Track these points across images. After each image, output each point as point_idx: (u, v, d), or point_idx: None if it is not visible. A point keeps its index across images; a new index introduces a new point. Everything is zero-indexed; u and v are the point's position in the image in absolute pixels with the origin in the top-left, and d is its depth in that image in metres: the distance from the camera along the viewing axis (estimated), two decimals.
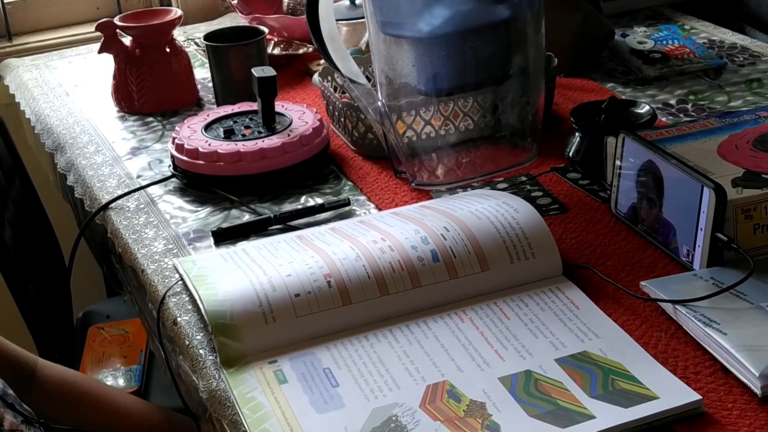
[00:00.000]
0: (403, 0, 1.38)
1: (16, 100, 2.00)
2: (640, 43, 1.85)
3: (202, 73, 1.91)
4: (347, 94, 1.52)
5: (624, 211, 1.30)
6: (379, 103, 1.41)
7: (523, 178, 1.44)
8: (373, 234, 1.23)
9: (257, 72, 1.52)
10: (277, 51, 1.96)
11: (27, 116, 1.92)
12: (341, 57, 1.40)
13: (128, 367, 1.84)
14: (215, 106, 1.75)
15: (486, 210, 1.24)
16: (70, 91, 1.94)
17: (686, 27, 1.94)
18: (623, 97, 1.66)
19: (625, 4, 2.03)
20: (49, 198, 2.03)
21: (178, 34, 2.12)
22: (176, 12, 1.80)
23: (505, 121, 1.46)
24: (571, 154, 1.43)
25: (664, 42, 1.85)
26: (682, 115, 1.58)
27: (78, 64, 2.09)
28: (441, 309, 1.16)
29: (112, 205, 1.48)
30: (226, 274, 1.20)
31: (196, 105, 1.82)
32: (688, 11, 2.03)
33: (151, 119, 1.77)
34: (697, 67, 1.75)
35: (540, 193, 1.40)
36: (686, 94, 1.66)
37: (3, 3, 2.28)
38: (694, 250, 1.17)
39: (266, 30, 1.76)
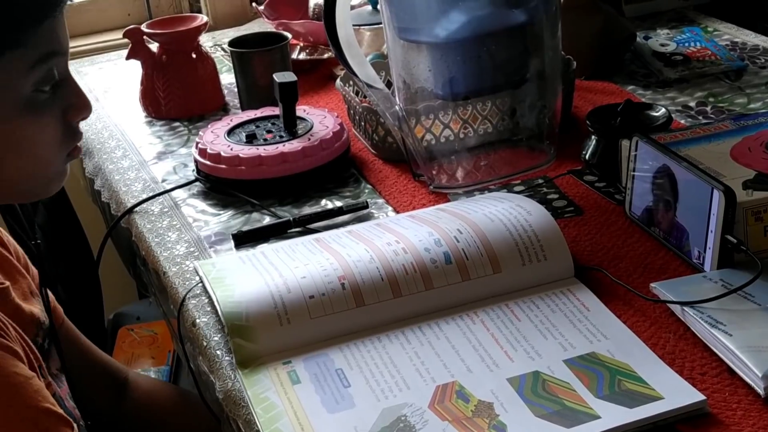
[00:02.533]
0: (419, 6, 1.40)
1: None
2: (662, 45, 1.85)
3: (228, 78, 1.94)
4: (368, 99, 1.54)
5: (638, 214, 1.31)
6: (397, 108, 1.43)
7: (540, 181, 1.45)
8: (388, 236, 1.25)
9: (279, 77, 1.55)
10: (302, 56, 1.99)
11: None
12: (358, 62, 1.42)
13: (157, 368, 1.87)
14: (240, 110, 1.78)
15: (499, 212, 1.26)
16: (100, 97, 1.98)
17: (709, 29, 1.95)
18: (643, 99, 1.67)
19: (648, 6, 2.03)
20: (80, 202, 2.07)
21: (207, 40, 2.16)
22: (202, 18, 1.83)
23: (523, 124, 1.47)
24: (587, 156, 1.44)
25: (687, 44, 1.85)
26: (701, 117, 1.59)
27: (108, 70, 2.13)
28: (453, 310, 1.18)
29: (137, 208, 1.51)
30: (243, 276, 1.22)
31: (221, 110, 1.85)
32: (712, 13, 2.03)
33: (177, 124, 1.80)
34: (718, 69, 1.75)
35: (556, 196, 1.41)
36: (706, 96, 1.67)
37: None
38: (704, 251, 1.18)
39: (290, 36, 1.78)
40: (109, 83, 2.05)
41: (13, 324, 1.14)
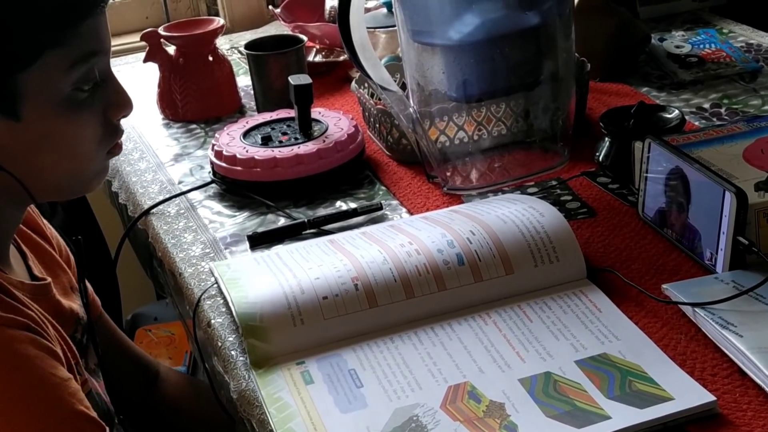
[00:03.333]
0: (433, 8, 1.41)
1: None
2: (677, 47, 1.86)
3: (245, 80, 1.95)
4: (382, 101, 1.55)
5: (651, 215, 1.31)
6: (411, 110, 1.44)
7: (554, 183, 1.46)
8: (401, 237, 1.26)
9: (293, 80, 1.56)
10: (318, 58, 2.00)
11: None
12: (372, 65, 1.43)
13: (174, 368, 1.88)
14: (257, 113, 1.79)
15: (512, 214, 1.26)
16: None
17: (724, 31, 1.95)
18: (657, 101, 1.67)
19: (663, 8, 2.03)
20: (98, 203, 2.08)
21: (224, 43, 2.18)
22: (218, 21, 1.85)
23: (537, 126, 1.48)
24: (600, 158, 1.45)
25: (701, 46, 1.86)
26: (715, 119, 1.59)
27: (127, 72, 2.14)
28: (466, 311, 1.19)
29: (154, 210, 1.53)
30: (257, 277, 1.23)
31: (238, 112, 1.86)
32: (728, 15, 2.03)
33: (194, 126, 1.82)
34: (733, 70, 1.76)
35: (569, 197, 1.42)
36: (720, 98, 1.67)
37: None
38: (716, 253, 1.18)
39: (305, 38, 1.79)
40: (127, 86, 2.04)
41: (53, 321, 1.15)
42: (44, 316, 1.13)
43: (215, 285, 1.29)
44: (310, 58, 1.98)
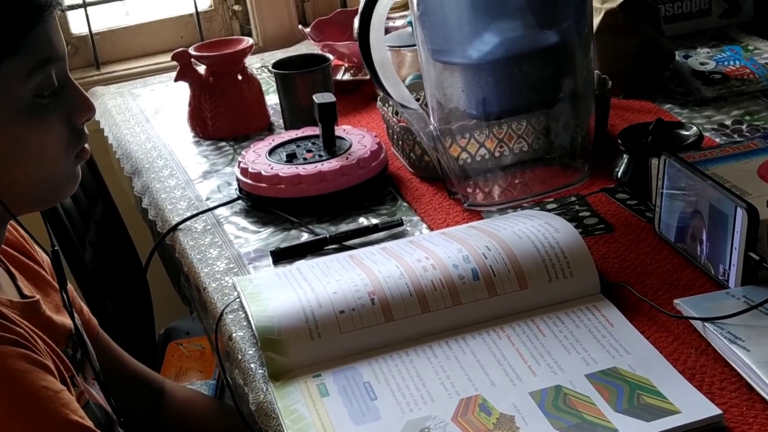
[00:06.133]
0: (452, 28, 1.43)
1: (101, 127, 2.10)
2: (701, 64, 1.87)
3: (275, 98, 1.98)
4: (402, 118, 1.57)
5: (667, 231, 1.32)
6: (431, 127, 1.47)
7: (573, 199, 1.47)
8: (418, 253, 1.28)
9: (318, 98, 1.59)
10: (347, 76, 2.03)
11: (110, 142, 2.02)
12: (393, 83, 1.45)
13: (204, 381, 1.91)
14: (284, 130, 1.82)
15: (528, 230, 1.28)
16: (151, 118, 2.03)
17: (749, 48, 1.95)
18: (680, 118, 1.68)
19: (689, 25, 2.04)
20: (132, 220, 2.12)
21: (255, 61, 2.21)
22: (247, 41, 1.88)
23: (557, 143, 1.49)
24: (619, 175, 1.46)
25: (726, 63, 1.87)
26: (736, 136, 1.60)
27: (160, 91, 2.19)
28: (480, 326, 1.21)
29: (181, 226, 1.56)
30: (277, 291, 1.26)
31: (267, 130, 1.90)
32: (755, 32, 2.03)
33: (223, 144, 1.85)
34: (756, 87, 1.76)
35: (587, 213, 1.43)
36: (742, 115, 1.68)
37: (91, 33, 2.39)
38: (729, 268, 1.20)
39: (332, 57, 1.82)
40: (160, 104, 2.11)
41: (44, 336, 1.18)
42: (34, 332, 1.15)
43: (237, 299, 1.32)
44: (339, 77, 2.01)
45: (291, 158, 1.58)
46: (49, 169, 1.16)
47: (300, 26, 2.28)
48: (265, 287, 1.28)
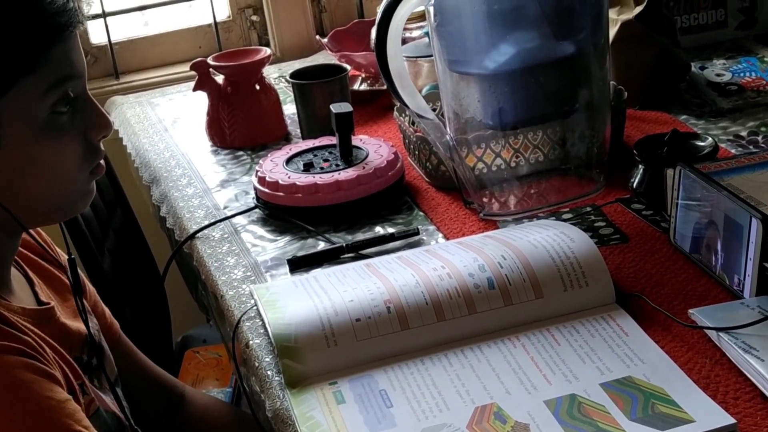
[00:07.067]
0: (469, 38, 1.45)
1: (120, 136, 2.11)
2: (718, 75, 1.87)
3: (292, 108, 1.99)
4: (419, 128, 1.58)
5: (682, 241, 1.33)
6: (448, 137, 1.48)
7: (588, 209, 1.48)
8: (434, 262, 1.29)
9: (335, 108, 1.60)
10: (364, 86, 2.04)
11: (128, 151, 2.03)
12: (409, 93, 1.46)
13: (220, 389, 1.92)
14: (302, 140, 1.83)
15: (543, 239, 1.29)
16: (169, 127, 2.05)
17: (766, 59, 1.96)
18: (695, 129, 1.69)
19: (705, 37, 2.05)
20: (150, 228, 2.13)
21: (273, 71, 2.23)
22: (265, 51, 1.90)
23: (573, 153, 1.50)
24: (634, 185, 1.47)
25: (742, 74, 1.87)
26: (751, 147, 1.61)
27: (178, 101, 2.20)
28: (495, 334, 1.21)
29: (199, 234, 1.57)
30: (294, 299, 1.27)
31: (284, 139, 1.91)
32: None
33: (241, 153, 1.86)
34: None
35: (603, 224, 1.44)
36: (758, 126, 1.68)
37: (111, 43, 2.41)
38: (744, 279, 1.20)
39: (349, 67, 1.84)
40: (178, 114, 2.12)
41: (54, 344, 1.18)
42: (44, 340, 1.16)
43: (254, 307, 1.33)
44: (356, 87, 2.02)
45: (308, 167, 1.59)
46: (64, 184, 1.17)
47: (317, 36, 2.29)
48: (282, 295, 1.30)
